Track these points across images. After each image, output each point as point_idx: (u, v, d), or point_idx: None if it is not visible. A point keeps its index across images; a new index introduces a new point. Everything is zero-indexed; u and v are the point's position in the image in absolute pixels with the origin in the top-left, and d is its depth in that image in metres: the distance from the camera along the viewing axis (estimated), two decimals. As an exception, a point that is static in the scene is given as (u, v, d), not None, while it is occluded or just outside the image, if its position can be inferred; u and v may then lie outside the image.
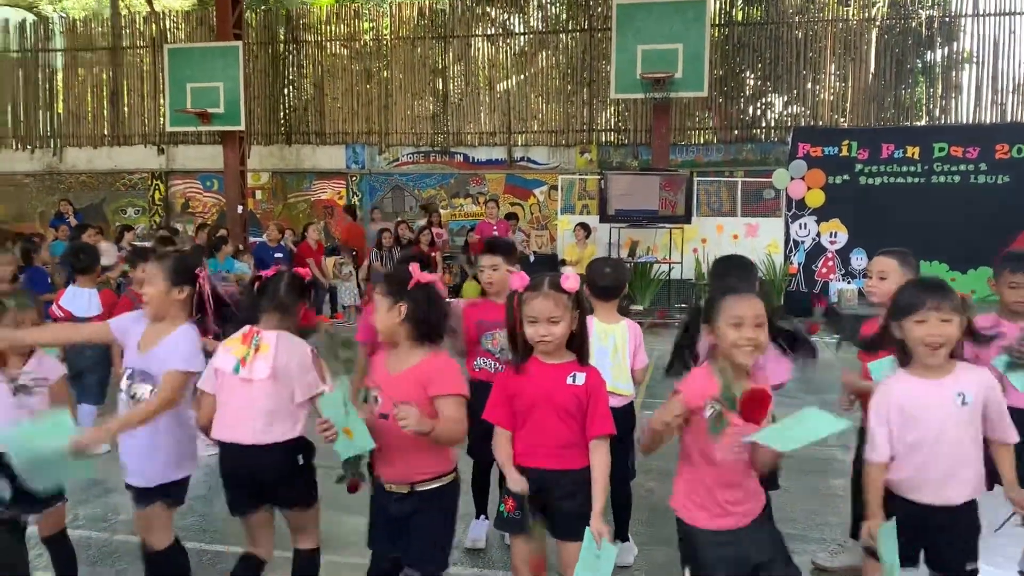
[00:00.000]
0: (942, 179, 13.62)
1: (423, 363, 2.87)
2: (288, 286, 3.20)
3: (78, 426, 3.01)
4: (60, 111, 18.39)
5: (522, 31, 17.08)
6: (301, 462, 3.17)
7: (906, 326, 2.82)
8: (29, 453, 2.90)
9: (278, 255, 12.30)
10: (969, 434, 2.79)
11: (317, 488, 3.28)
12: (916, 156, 13.71)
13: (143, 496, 3.23)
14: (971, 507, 2.84)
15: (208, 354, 3.29)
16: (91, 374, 5.84)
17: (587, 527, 2.74)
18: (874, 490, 2.83)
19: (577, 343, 2.87)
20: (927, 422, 2.78)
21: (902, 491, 2.84)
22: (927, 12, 15.38)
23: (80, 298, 5.88)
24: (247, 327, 3.16)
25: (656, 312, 13.12)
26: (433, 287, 2.98)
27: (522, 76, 16.94)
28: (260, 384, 3.06)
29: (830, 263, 13.99)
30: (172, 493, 3.29)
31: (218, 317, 3.37)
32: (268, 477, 3.12)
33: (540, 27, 16.98)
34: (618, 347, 3.96)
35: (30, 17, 19.71)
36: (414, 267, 3.00)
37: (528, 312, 2.81)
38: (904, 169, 13.73)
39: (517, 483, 2.82)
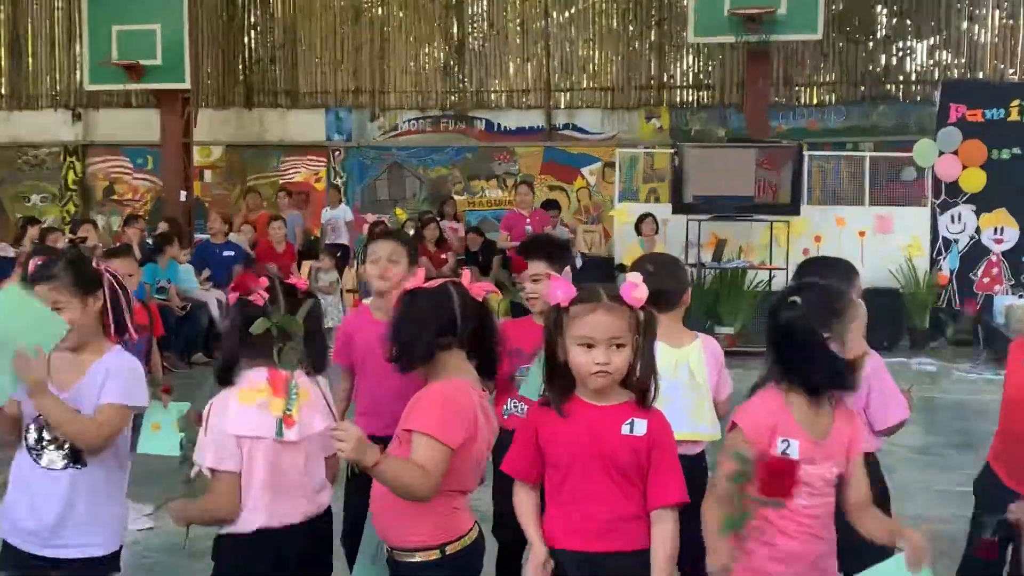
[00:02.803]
0: None
1: (421, 392, 3.09)
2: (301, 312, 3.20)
3: None
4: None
5: (567, -49, 17.15)
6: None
7: None
8: None
9: (227, 253, 12.41)
10: None
11: None
12: (1118, 121, 13.52)
13: (94, 568, 3.40)
14: None
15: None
16: None
17: None
18: None
19: (640, 378, 2.89)
20: None
21: None
22: None
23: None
24: (261, 372, 3.14)
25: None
26: (419, 295, 3.15)
27: (566, 13, 16.99)
28: (311, 441, 3.17)
29: (994, 270, 13.82)
30: (117, 564, 3.51)
31: (119, 329, 3.52)
32: (323, 549, 3.29)
33: (592, -54, 17.04)
34: (696, 377, 4.01)
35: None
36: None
37: (579, 332, 2.83)
38: (1101, 139, 13.54)
39: (538, 557, 2.87)
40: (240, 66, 18.00)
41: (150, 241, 12.20)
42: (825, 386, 2.88)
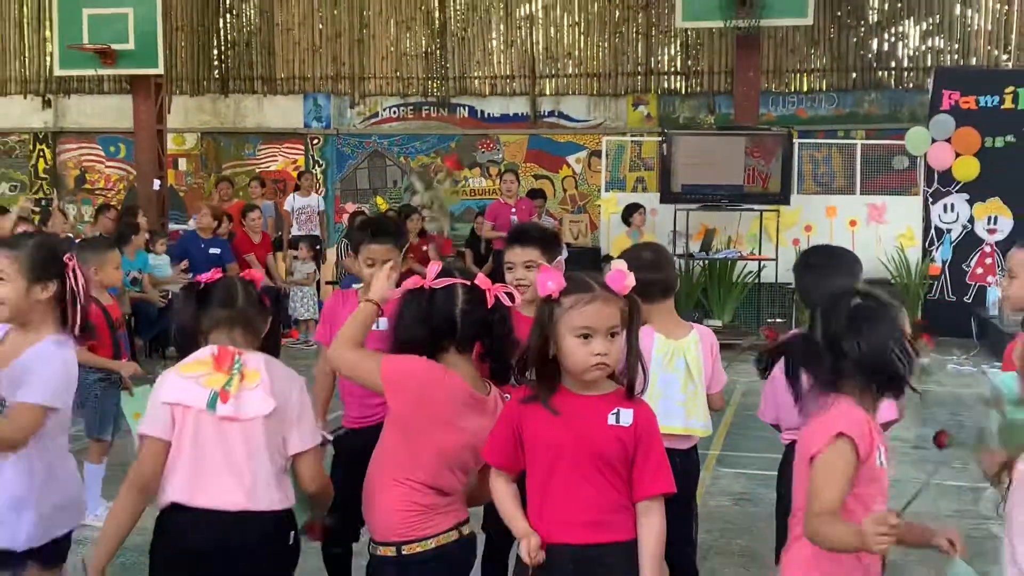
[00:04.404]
0: None
1: None
2: (248, 293, 3.31)
3: None
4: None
5: (552, -66, 17.14)
6: (292, 541, 3.24)
7: None
8: None
9: (214, 250, 12.26)
10: None
11: None
12: (1114, 109, 13.59)
13: (6, 562, 3.34)
14: None
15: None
16: None
17: None
18: None
19: (629, 368, 2.91)
20: None
21: None
22: None
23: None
24: (211, 348, 3.19)
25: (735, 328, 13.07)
26: (419, 295, 3.15)
27: (552, -3, 17.00)
28: (252, 426, 3.12)
29: (988, 260, 13.89)
30: (47, 555, 3.43)
31: (82, 326, 3.48)
32: (255, 560, 3.12)
33: (577, -72, 17.02)
34: (692, 370, 4.07)
35: None
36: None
37: (577, 323, 2.84)
38: (1096, 127, 13.61)
39: (533, 542, 2.84)
40: (215, 51, 17.97)
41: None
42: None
